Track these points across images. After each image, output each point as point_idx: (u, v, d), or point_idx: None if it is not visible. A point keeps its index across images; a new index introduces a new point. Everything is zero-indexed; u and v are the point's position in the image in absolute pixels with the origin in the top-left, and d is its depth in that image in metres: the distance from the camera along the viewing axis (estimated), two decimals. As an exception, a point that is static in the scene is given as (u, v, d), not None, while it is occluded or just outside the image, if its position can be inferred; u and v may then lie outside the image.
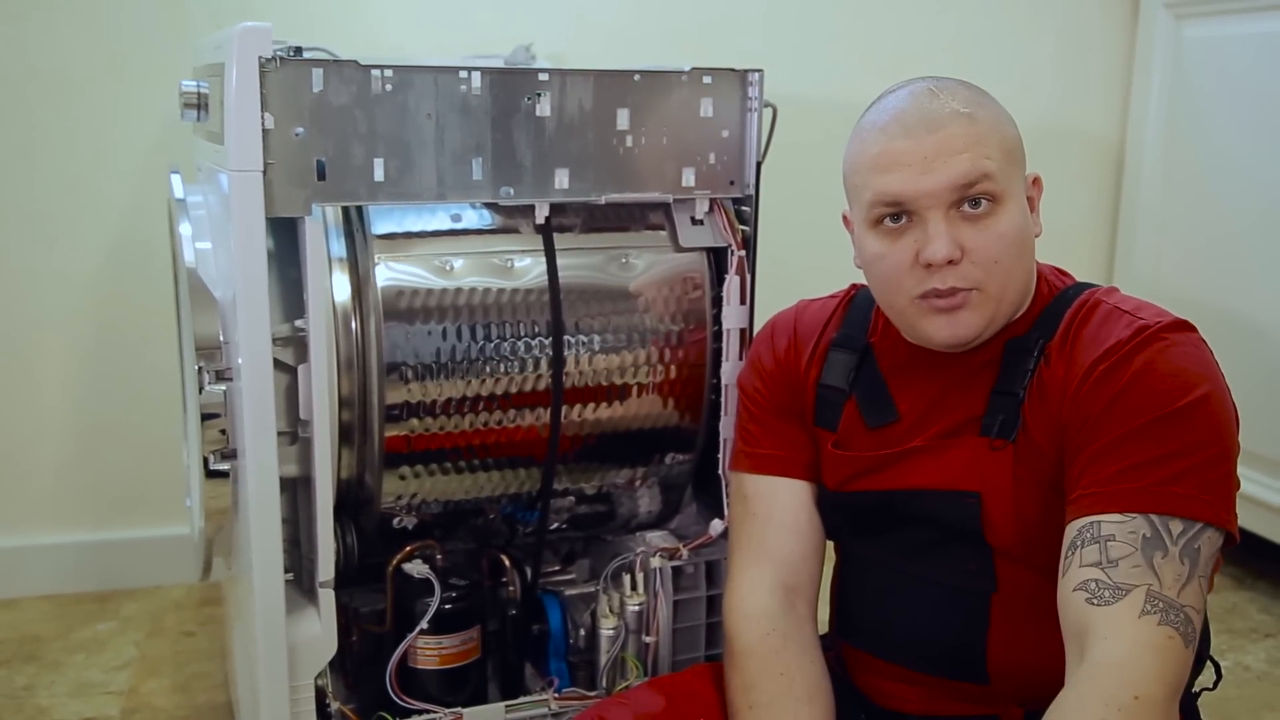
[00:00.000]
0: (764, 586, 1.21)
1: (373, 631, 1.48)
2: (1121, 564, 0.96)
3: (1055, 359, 1.07)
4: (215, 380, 1.28)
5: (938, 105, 1.07)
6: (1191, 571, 0.96)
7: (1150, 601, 0.95)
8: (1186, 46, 2.36)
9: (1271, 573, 2.28)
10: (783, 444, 1.25)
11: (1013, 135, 1.10)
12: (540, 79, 1.33)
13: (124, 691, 1.87)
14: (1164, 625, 0.94)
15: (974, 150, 1.05)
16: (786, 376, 1.25)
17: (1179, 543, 0.97)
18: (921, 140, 1.05)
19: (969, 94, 1.09)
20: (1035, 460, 1.07)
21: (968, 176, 1.04)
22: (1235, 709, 1.84)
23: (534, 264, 1.41)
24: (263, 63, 1.20)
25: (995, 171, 1.05)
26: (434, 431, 1.39)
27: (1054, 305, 1.11)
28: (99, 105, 2.08)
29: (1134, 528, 0.97)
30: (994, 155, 1.05)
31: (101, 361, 2.17)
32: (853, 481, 1.19)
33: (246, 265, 1.22)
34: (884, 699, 1.21)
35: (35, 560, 2.20)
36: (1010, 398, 1.09)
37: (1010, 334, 1.11)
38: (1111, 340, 1.04)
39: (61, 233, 2.11)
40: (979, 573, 1.11)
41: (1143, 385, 1.00)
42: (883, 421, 1.17)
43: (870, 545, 1.20)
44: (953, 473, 1.11)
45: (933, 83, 1.10)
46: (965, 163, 1.04)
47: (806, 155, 1.88)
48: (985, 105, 1.09)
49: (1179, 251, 2.40)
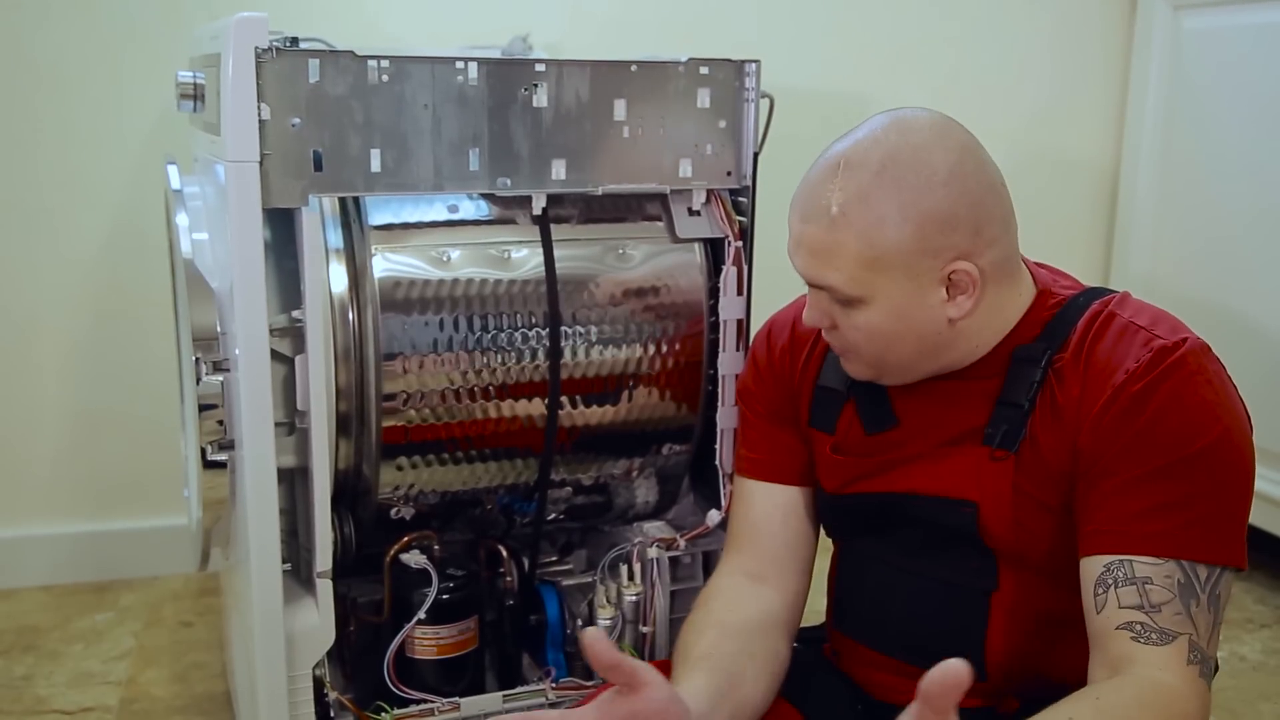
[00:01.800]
0: (724, 572, 1.24)
1: (370, 622, 1.49)
2: (1165, 610, 0.98)
3: (1069, 376, 1.05)
4: (212, 371, 1.28)
5: (821, 194, 1.04)
6: (1216, 620, 1.00)
7: (1193, 651, 0.97)
8: (1185, 38, 2.36)
9: (1268, 564, 2.29)
10: (768, 448, 1.26)
11: (892, 244, 1.02)
12: (537, 70, 1.33)
13: (122, 681, 1.88)
14: (1201, 677, 0.97)
15: (821, 259, 1.05)
16: (781, 377, 1.25)
17: (1205, 589, 0.99)
18: (798, 224, 1.08)
19: (864, 183, 1.02)
20: (1040, 474, 1.07)
21: (811, 280, 1.08)
22: (1231, 699, 1.85)
23: (531, 255, 1.41)
24: (259, 53, 1.20)
25: (839, 283, 1.05)
26: (431, 422, 1.39)
27: (1064, 314, 1.09)
28: (95, 96, 2.08)
29: (1168, 572, 0.98)
30: (844, 267, 1.04)
31: (99, 352, 2.17)
32: (851, 485, 1.19)
33: (243, 256, 1.22)
34: (878, 691, 1.21)
35: (33, 551, 2.20)
36: (1014, 409, 1.08)
37: (1015, 342, 1.09)
38: (1132, 363, 1.02)
39: (58, 224, 2.11)
40: (981, 570, 1.11)
41: (1168, 421, 1.00)
42: (881, 428, 1.16)
43: (870, 543, 1.21)
44: (951, 481, 1.11)
45: (846, 154, 1.05)
46: (809, 265, 1.07)
47: (804, 146, 1.88)
48: (871, 203, 1.02)
49: (1176, 248, 2.40)
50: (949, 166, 1.03)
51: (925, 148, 1.03)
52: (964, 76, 2.45)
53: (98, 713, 1.79)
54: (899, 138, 1.04)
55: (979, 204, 1.04)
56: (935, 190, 1.02)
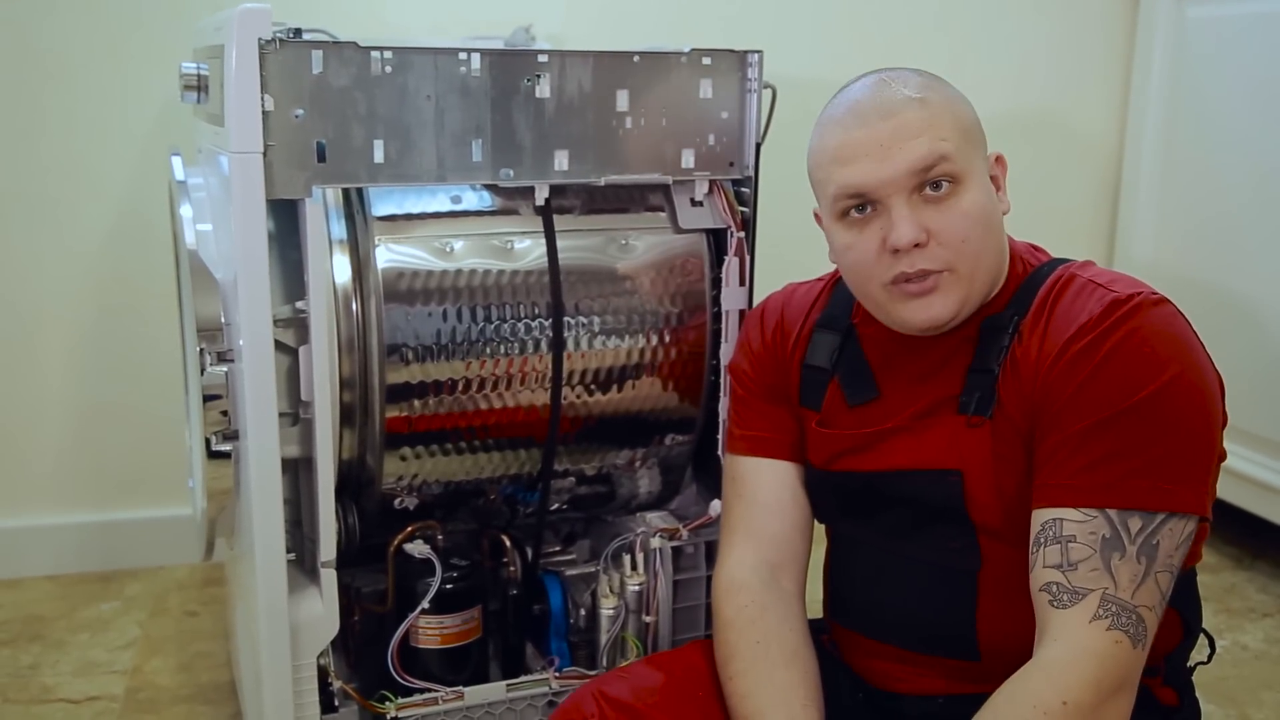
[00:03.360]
0: (747, 564, 1.23)
1: (374, 611, 1.49)
2: (1081, 567, 0.99)
3: (1029, 335, 1.08)
4: (217, 362, 1.28)
5: (890, 93, 1.08)
6: (1149, 569, 0.99)
7: (1104, 605, 0.98)
8: (1188, 26, 2.35)
9: (1270, 552, 2.29)
10: (769, 426, 1.26)
11: (968, 116, 1.11)
12: (539, 60, 1.33)
13: (128, 671, 1.89)
14: (1113, 629, 0.98)
15: (929, 133, 1.06)
16: (773, 358, 1.26)
17: (1137, 540, 0.99)
18: (876, 128, 1.06)
19: (921, 80, 1.10)
20: (1012, 436, 1.08)
21: (925, 160, 1.05)
22: (1234, 688, 1.85)
23: (534, 245, 1.41)
24: (262, 44, 1.20)
25: (952, 152, 1.06)
26: (435, 412, 1.39)
27: (1029, 281, 1.12)
28: (99, 88, 2.08)
29: (1094, 528, 0.99)
30: (949, 137, 1.06)
31: (103, 343, 2.17)
32: (837, 460, 1.20)
33: (247, 247, 1.23)
34: (877, 679, 1.21)
35: (39, 541, 2.21)
36: (986, 375, 1.09)
37: (987, 312, 1.12)
38: (1084, 317, 1.04)
39: (63, 215, 2.11)
40: (963, 550, 1.12)
41: (1109, 371, 1.01)
42: (863, 399, 1.18)
43: (857, 526, 1.21)
44: (933, 452, 1.12)
45: (885, 73, 1.11)
46: (922, 146, 1.05)
47: (806, 137, 1.88)
48: (937, 89, 1.10)
49: (1179, 233, 2.40)
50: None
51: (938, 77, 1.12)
52: (968, 64, 2.44)
53: (103, 701, 1.80)
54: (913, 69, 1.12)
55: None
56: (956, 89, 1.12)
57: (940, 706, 1.17)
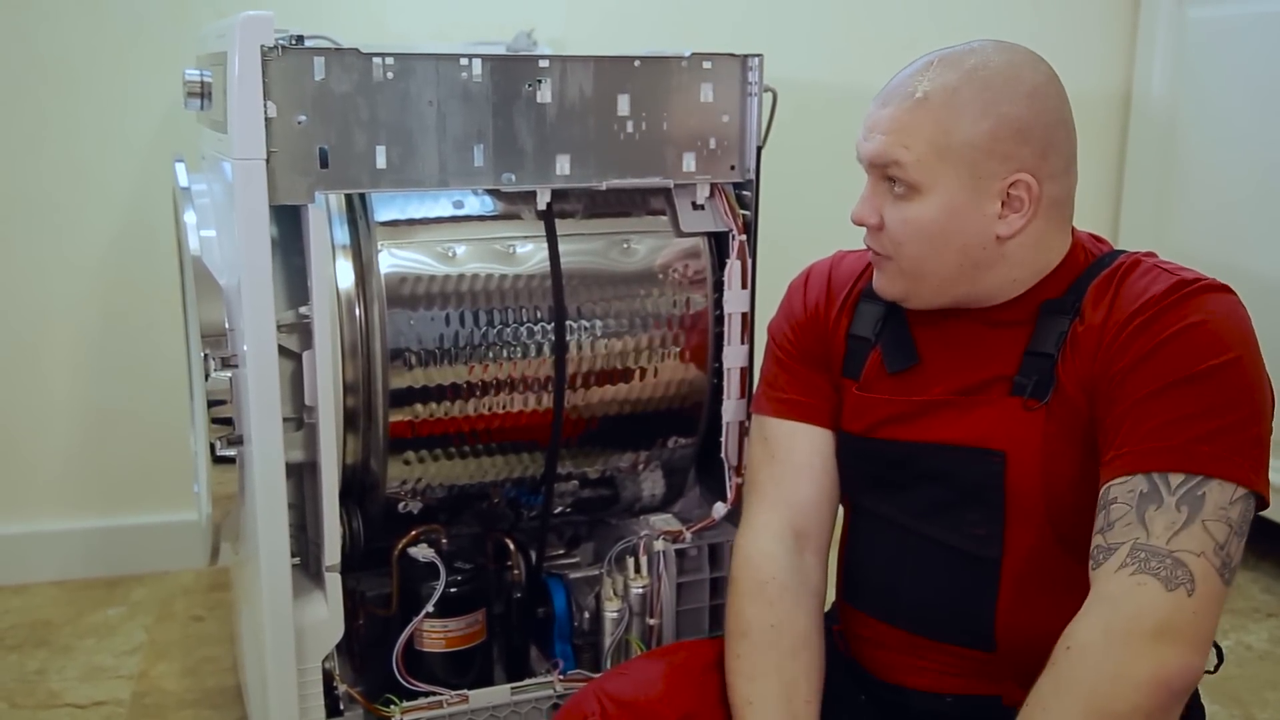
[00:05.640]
0: (773, 531, 1.22)
1: (379, 615, 1.50)
2: (1117, 525, 0.99)
3: (1091, 311, 1.08)
4: (221, 367, 1.29)
5: (909, 82, 1.09)
6: (1192, 516, 0.97)
7: (1132, 555, 0.97)
8: (1189, 26, 2.36)
9: (1275, 553, 2.29)
10: (807, 391, 1.25)
11: (964, 132, 1.05)
12: (541, 65, 1.34)
13: (134, 675, 1.89)
14: (1138, 574, 0.96)
15: (895, 136, 1.07)
16: (817, 326, 1.26)
17: (1177, 493, 0.98)
18: (877, 110, 1.10)
19: (949, 77, 1.07)
20: (1068, 417, 1.08)
21: (879, 158, 1.09)
22: (1238, 688, 1.85)
23: (536, 250, 1.42)
24: (265, 51, 1.21)
25: (908, 162, 1.07)
26: (438, 417, 1.40)
27: (1092, 269, 1.12)
28: (103, 94, 2.09)
29: (1132, 486, 0.99)
30: (914, 146, 1.06)
31: (108, 349, 2.18)
32: (878, 429, 1.19)
33: (251, 253, 1.23)
34: (886, 672, 1.21)
35: (45, 546, 2.22)
36: (1044, 359, 1.09)
37: (1045, 295, 1.12)
38: (1149, 295, 1.05)
39: (67, 221, 2.12)
40: (986, 538, 1.12)
41: (1176, 343, 1.01)
42: (903, 366, 1.18)
43: (882, 501, 1.21)
44: (980, 430, 1.12)
45: (942, 55, 1.10)
46: (880, 144, 1.08)
47: (807, 140, 1.89)
48: (956, 95, 1.06)
49: (1180, 233, 2.40)
50: (1035, 84, 1.07)
51: (1017, 64, 1.08)
52: (968, 68, 2.45)
53: (110, 706, 1.80)
54: (995, 50, 1.09)
55: (1052, 129, 1.08)
56: (1018, 99, 1.06)
57: (949, 706, 1.16)
